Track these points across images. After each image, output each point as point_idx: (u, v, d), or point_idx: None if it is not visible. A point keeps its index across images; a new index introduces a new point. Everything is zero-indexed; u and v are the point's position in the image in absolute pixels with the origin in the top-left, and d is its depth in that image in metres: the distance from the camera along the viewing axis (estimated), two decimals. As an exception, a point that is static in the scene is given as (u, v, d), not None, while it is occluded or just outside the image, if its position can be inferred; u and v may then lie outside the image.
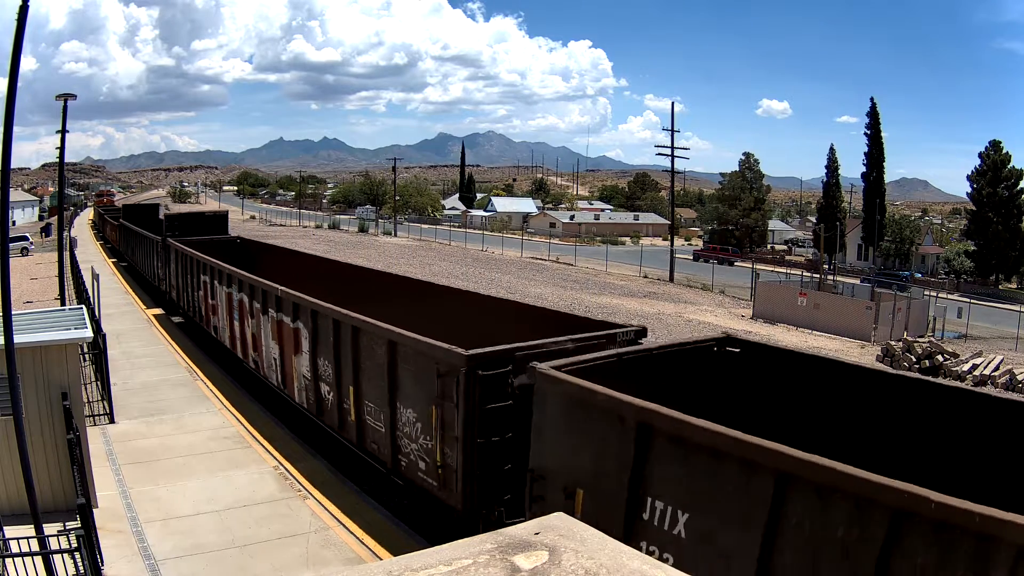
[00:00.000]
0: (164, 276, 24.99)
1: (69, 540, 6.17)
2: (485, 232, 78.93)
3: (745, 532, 5.20)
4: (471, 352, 8.04)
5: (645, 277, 48.66)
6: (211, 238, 24.38)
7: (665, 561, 5.95)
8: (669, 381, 8.10)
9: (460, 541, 2.14)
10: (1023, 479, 6.20)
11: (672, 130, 50.49)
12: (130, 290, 30.90)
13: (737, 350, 8.89)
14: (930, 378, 8.84)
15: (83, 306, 13.38)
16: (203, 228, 27.58)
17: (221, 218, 30.66)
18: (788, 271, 53.69)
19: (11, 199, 8.97)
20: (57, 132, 23.71)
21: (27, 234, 53.29)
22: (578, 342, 8.69)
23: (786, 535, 4.95)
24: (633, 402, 6.19)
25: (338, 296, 12.61)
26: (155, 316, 24.60)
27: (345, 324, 10.46)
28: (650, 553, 6.06)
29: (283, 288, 13.22)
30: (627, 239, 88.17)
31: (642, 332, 9.48)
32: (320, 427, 12.15)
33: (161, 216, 35.39)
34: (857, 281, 51.09)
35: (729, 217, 77.58)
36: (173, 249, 22.89)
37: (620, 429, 6.22)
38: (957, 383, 11.48)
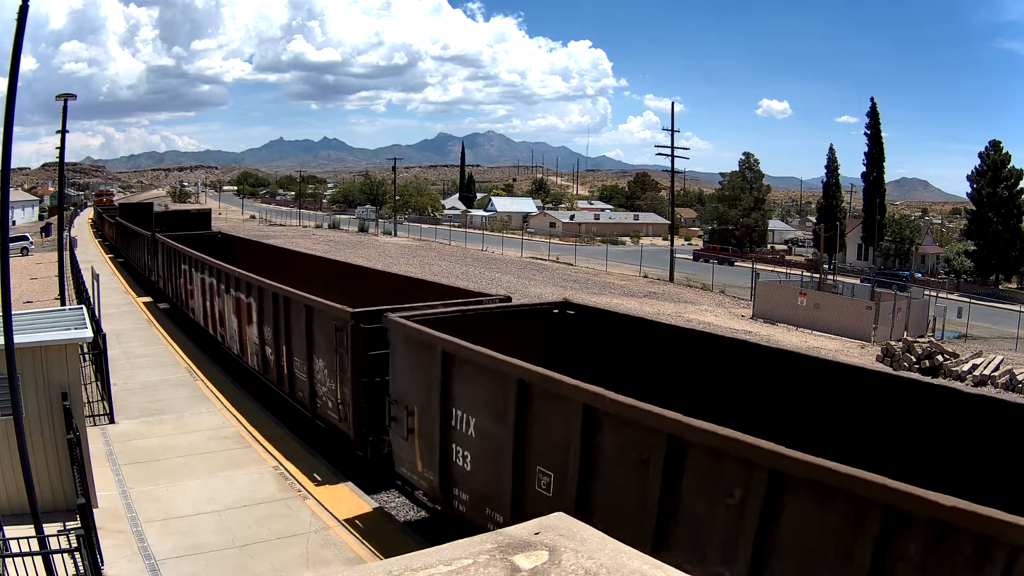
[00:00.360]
0: (153, 267, 27.37)
1: (69, 540, 6.17)
2: (485, 232, 78.96)
3: (504, 427, 7.17)
4: (355, 310, 10.32)
5: (645, 277, 48.67)
6: (195, 233, 27.17)
7: (461, 459, 8.18)
8: (514, 334, 9.75)
9: (460, 541, 2.14)
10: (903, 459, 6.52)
11: (672, 130, 50.55)
12: (124, 281, 32.60)
13: (572, 312, 10.90)
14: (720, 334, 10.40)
15: (83, 306, 13.38)
16: (189, 224, 31.19)
17: (205, 215, 35.10)
18: (788, 271, 53.72)
19: (11, 199, 8.97)
20: (57, 132, 23.70)
21: (27, 234, 53.30)
22: (447, 305, 10.49)
23: (532, 426, 6.93)
24: (440, 336, 8.16)
25: (294, 279, 15.06)
26: (145, 304, 26.58)
27: (280, 296, 12.99)
28: (458, 453, 8.16)
29: (239, 270, 15.86)
30: (627, 239, 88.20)
31: (506, 299, 11.59)
32: (269, 387, 14.37)
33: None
34: (857, 281, 51.09)
35: (729, 217, 77.60)
36: (160, 243, 25.19)
37: (433, 357, 8.18)
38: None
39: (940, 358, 24.22)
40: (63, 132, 23.23)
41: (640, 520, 5.68)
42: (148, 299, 27.39)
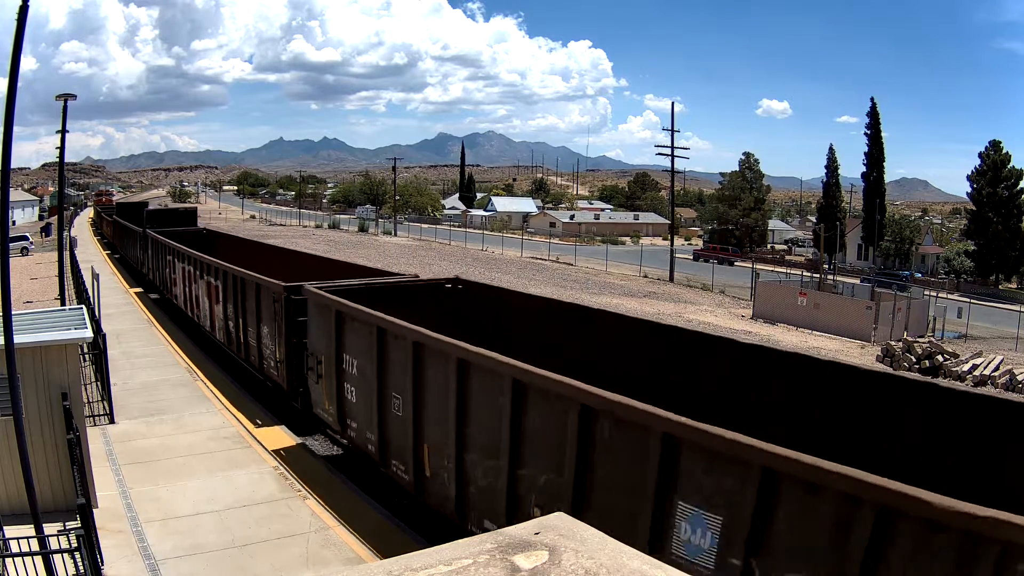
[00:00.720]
0: (144, 260, 30.53)
1: (69, 540, 6.17)
2: (485, 232, 78.96)
3: (372, 364, 9.48)
4: (287, 284, 12.83)
5: (645, 277, 48.67)
6: (181, 229, 29.97)
7: (350, 394, 10.33)
8: (416, 304, 12.03)
9: (460, 541, 2.14)
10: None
11: (672, 130, 50.55)
12: (119, 275, 34.98)
13: (461, 287, 13.20)
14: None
15: (83, 306, 13.38)
16: (177, 221, 34.39)
17: (191, 213, 39.52)
18: (788, 271, 53.73)
19: (11, 199, 8.97)
20: (57, 132, 23.69)
21: (27, 234, 53.28)
22: (363, 283, 12.90)
23: (388, 362, 9.16)
24: (334, 298, 10.58)
25: (263, 267, 17.24)
26: (137, 294, 29.07)
27: (238, 277, 15.51)
28: (349, 390, 10.35)
29: (209, 257, 18.92)
30: (627, 239, 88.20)
31: (415, 276, 14.02)
32: (232, 357, 17.10)
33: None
34: (857, 281, 51.09)
35: (729, 217, 77.60)
36: (150, 238, 28.02)
37: (330, 316, 10.54)
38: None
39: (940, 358, 24.22)
40: (63, 132, 23.23)
41: (444, 418, 8.07)
42: (139, 290, 30.15)
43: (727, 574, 4.93)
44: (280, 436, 12.66)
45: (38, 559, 6.28)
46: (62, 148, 24.33)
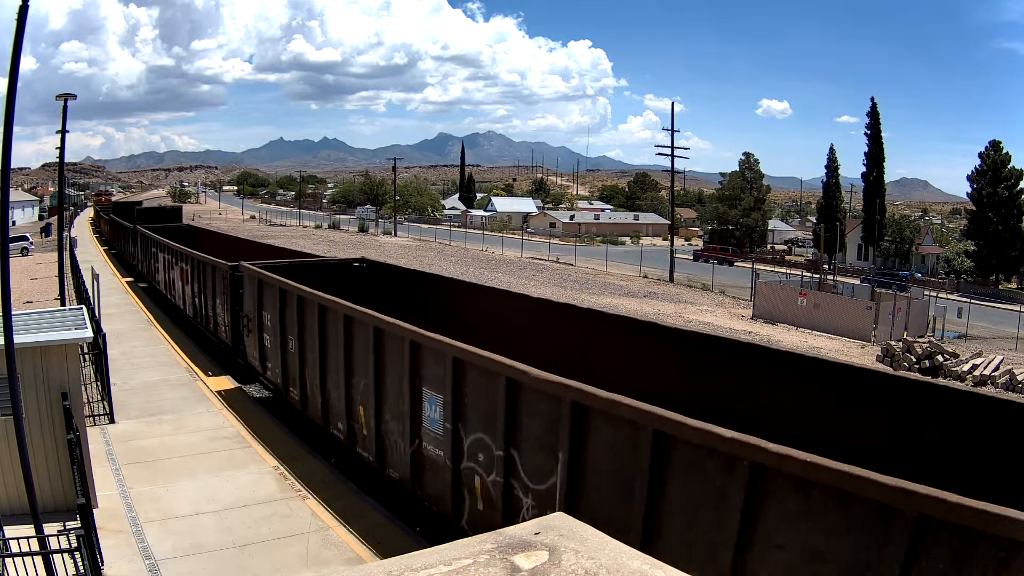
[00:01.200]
0: (134, 252, 35.24)
1: (69, 540, 6.16)
2: (485, 232, 78.95)
3: (275, 316, 12.79)
4: (231, 264, 16.20)
5: (645, 277, 48.66)
6: (168, 225, 34.83)
7: (266, 342, 13.63)
8: (327, 280, 14.23)
9: (460, 541, 2.14)
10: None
11: (672, 130, 50.54)
12: (114, 268, 38.65)
13: (365, 266, 16.31)
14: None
15: (83, 306, 13.38)
16: (164, 218, 40.24)
17: (177, 210, 47.28)
18: (788, 271, 53.73)
19: (11, 199, 8.97)
20: (57, 132, 23.69)
21: (27, 234, 53.25)
22: (284, 261, 16.16)
23: (286, 316, 12.43)
24: (257, 271, 13.94)
25: (234, 256, 18.99)
26: (128, 283, 32.68)
27: (198, 260, 19.55)
28: (265, 339, 13.67)
29: (181, 246, 23.33)
30: (627, 239, 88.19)
31: (362, 260, 16.66)
32: (199, 328, 20.32)
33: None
34: (857, 281, 51.10)
35: (729, 217, 77.59)
36: (139, 233, 32.39)
37: (256, 284, 13.95)
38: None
39: (940, 358, 24.22)
40: (63, 132, 23.22)
41: (315, 352, 11.33)
42: (130, 279, 34.21)
43: (448, 434, 7.88)
44: (225, 382, 16.39)
45: (38, 559, 6.28)
46: (62, 148, 24.33)
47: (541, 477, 6.61)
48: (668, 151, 50.78)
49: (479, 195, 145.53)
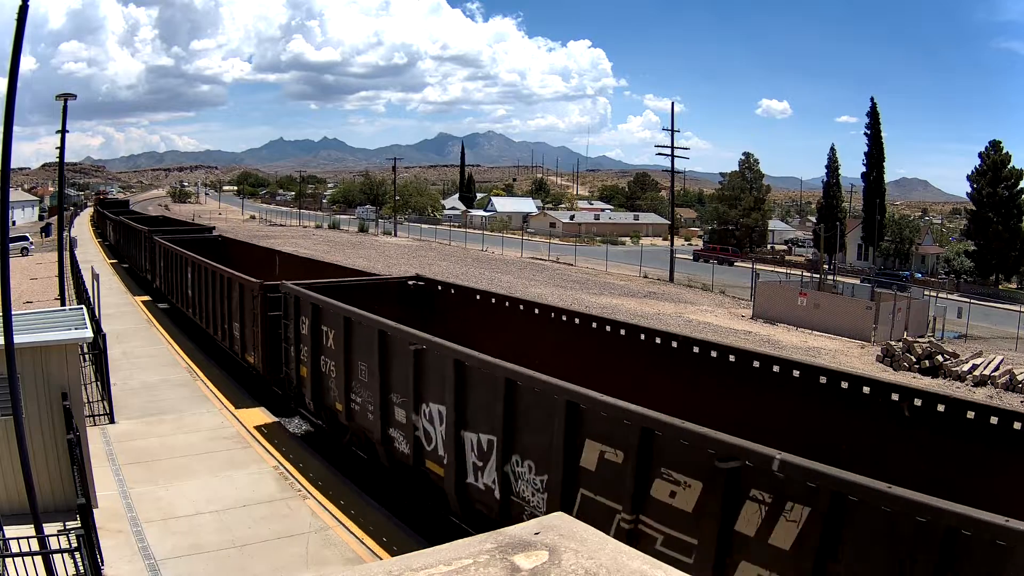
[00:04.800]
0: (110, 233, 50.00)
1: (69, 540, 6.16)
2: (485, 232, 78.90)
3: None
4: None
5: (645, 277, 48.65)
6: (126, 209, 60.06)
7: (328, 380, 11.91)
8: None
9: (460, 541, 2.14)
10: None
11: (672, 130, 50.53)
12: (102, 250, 47.60)
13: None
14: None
15: (83, 306, 13.37)
16: (123, 206, 72.04)
17: (125, 202, 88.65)
18: (788, 271, 53.70)
19: (11, 199, 8.97)
20: (57, 132, 23.68)
21: (27, 234, 53.24)
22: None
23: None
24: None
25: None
26: (113, 266, 38.03)
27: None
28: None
29: (130, 220, 36.18)
30: (627, 239, 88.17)
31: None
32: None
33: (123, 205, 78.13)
34: (857, 281, 51.08)
35: (729, 217, 77.56)
36: (108, 219, 51.07)
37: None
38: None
39: (940, 358, 24.21)
40: (63, 132, 23.21)
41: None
42: (114, 261, 41.40)
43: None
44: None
45: (38, 559, 6.28)
46: (62, 148, 24.31)
47: None
48: (668, 151, 50.80)
49: (479, 195, 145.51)
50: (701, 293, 42.40)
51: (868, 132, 70.96)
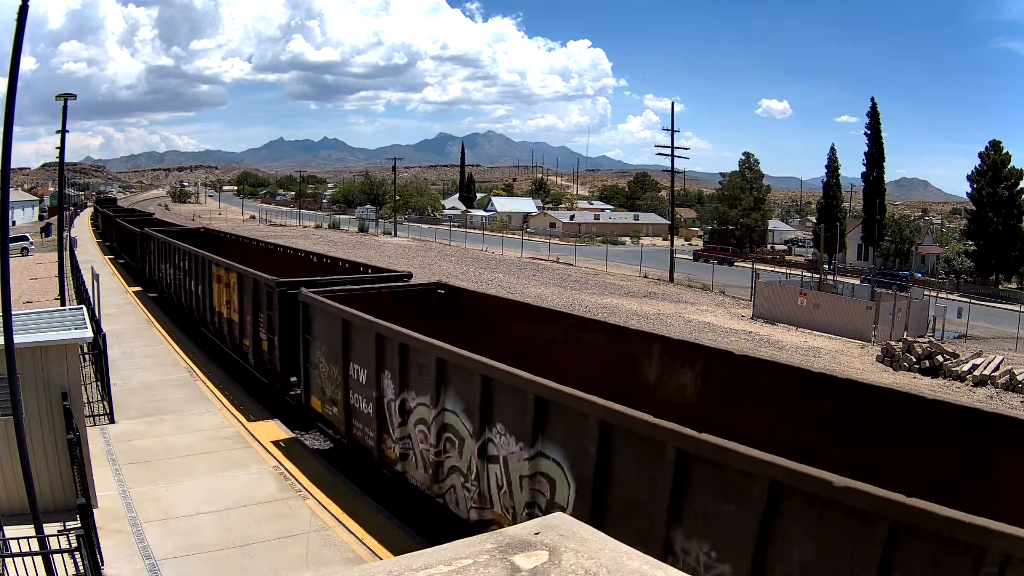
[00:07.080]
0: (102, 225, 57.22)
1: (69, 540, 6.16)
2: (485, 232, 78.91)
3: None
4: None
5: (645, 277, 48.66)
6: (120, 207, 69.83)
7: (354, 401, 10.92)
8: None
9: (460, 541, 2.14)
10: None
11: (672, 130, 50.52)
12: (97, 243, 52.04)
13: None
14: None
15: (83, 306, 13.37)
16: (113, 203, 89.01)
17: (113, 199, 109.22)
18: (788, 271, 53.70)
19: (11, 199, 8.97)
20: (57, 132, 23.69)
21: (27, 234, 53.23)
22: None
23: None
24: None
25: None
26: (109, 260, 39.46)
27: (112, 217, 37.07)
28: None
29: (112, 212, 52.27)
30: (627, 239, 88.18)
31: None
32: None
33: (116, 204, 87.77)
34: (857, 281, 51.06)
35: (729, 217, 77.58)
36: (100, 214, 60.42)
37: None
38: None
39: (940, 358, 24.21)
40: (63, 132, 23.22)
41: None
42: (111, 256, 43.11)
43: None
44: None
45: (38, 559, 6.28)
46: (62, 148, 24.32)
47: None
48: (668, 151, 50.79)
49: (479, 195, 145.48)
50: (701, 293, 42.40)
51: (868, 132, 70.98)
